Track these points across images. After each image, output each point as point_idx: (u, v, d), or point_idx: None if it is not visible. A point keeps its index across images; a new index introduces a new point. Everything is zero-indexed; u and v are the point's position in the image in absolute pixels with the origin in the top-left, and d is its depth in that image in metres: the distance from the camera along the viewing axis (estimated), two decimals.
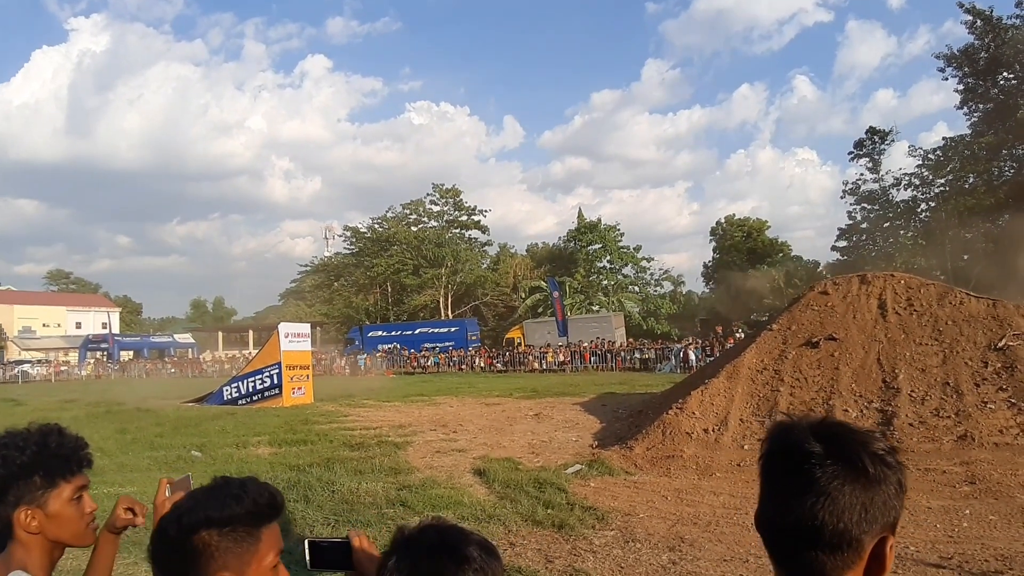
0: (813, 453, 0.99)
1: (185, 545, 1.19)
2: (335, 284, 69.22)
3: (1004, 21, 41.61)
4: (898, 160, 67.26)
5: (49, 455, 1.52)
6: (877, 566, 1.00)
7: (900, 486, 1.01)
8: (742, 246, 56.80)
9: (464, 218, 65.39)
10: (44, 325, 75.74)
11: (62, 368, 51.70)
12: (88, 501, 1.59)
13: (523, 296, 56.75)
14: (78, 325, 76.64)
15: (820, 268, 53.29)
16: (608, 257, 58.74)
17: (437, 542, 1.20)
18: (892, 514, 1.00)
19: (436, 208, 65.19)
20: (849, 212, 52.04)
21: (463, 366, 38.85)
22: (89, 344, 58.73)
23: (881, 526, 0.99)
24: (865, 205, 50.89)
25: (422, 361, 41.18)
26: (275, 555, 1.29)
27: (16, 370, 47.60)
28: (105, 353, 57.26)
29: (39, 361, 54.22)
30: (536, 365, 35.56)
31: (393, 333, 48.91)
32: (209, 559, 1.20)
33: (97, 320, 75.42)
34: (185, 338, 66.57)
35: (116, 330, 65.38)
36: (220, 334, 70.51)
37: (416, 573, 1.16)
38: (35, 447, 1.51)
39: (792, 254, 57.17)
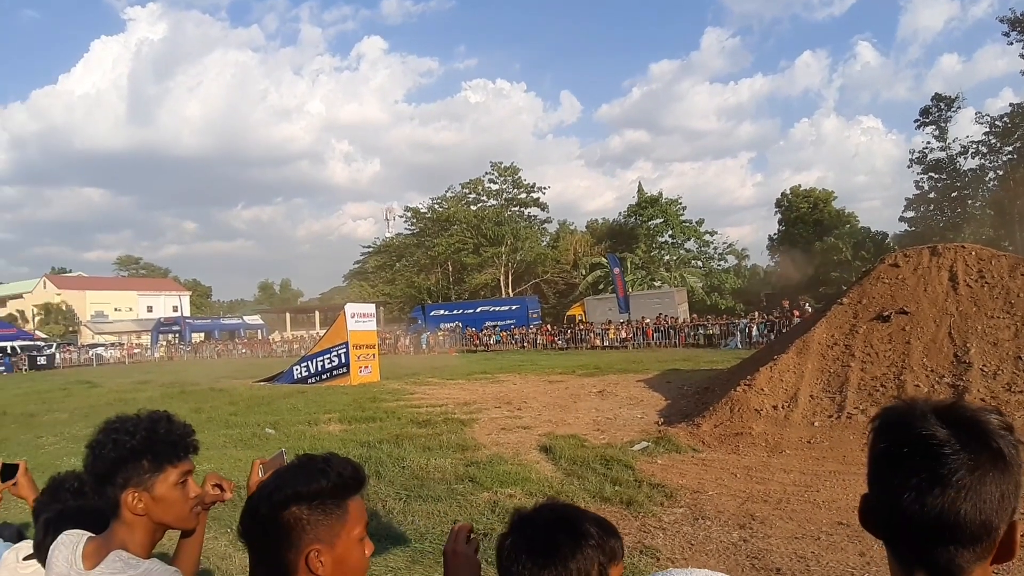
0: (946, 442, 0.91)
1: (276, 521, 1.23)
2: (397, 264, 70.33)
3: None
4: (965, 127, 64.19)
5: (158, 440, 1.57)
6: (1006, 552, 0.94)
7: (1021, 466, 0.94)
8: (808, 218, 55.05)
9: (523, 196, 65.28)
10: (116, 309, 78.06)
11: (135, 351, 53.29)
12: (193, 486, 1.64)
13: (583, 273, 56.45)
14: (149, 309, 79.13)
15: (888, 240, 51.34)
16: (670, 231, 57.74)
17: (553, 519, 1.21)
18: (1020, 495, 0.94)
19: (495, 187, 65.29)
20: (916, 182, 50.48)
21: (524, 344, 38.97)
22: (161, 327, 60.10)
23: (1012, 510, 0.93)
24: (932, 174, 49.19)
25: (484, 339, 41.53)
26: (362, 527, 1.33)
27: (90, 353, 49.11)
28: (177, 335, 58.91)
29: (112, 344, 55.80)
30: (598, 342, 35.39)
31: (455, 312, 49.35)
32: (301, 533, 1.24)
33: (168, 303, 78.40)
34: (254, 319, 68.17)
35: (187, 313, 68.00)
36: (288, 315, 72.51)
37: (533, 550, 1.17)
38: (145, 432, 1.56)
39: (859, 225, 55.07)
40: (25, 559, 1.84)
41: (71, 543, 1.57)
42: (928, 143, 48.81)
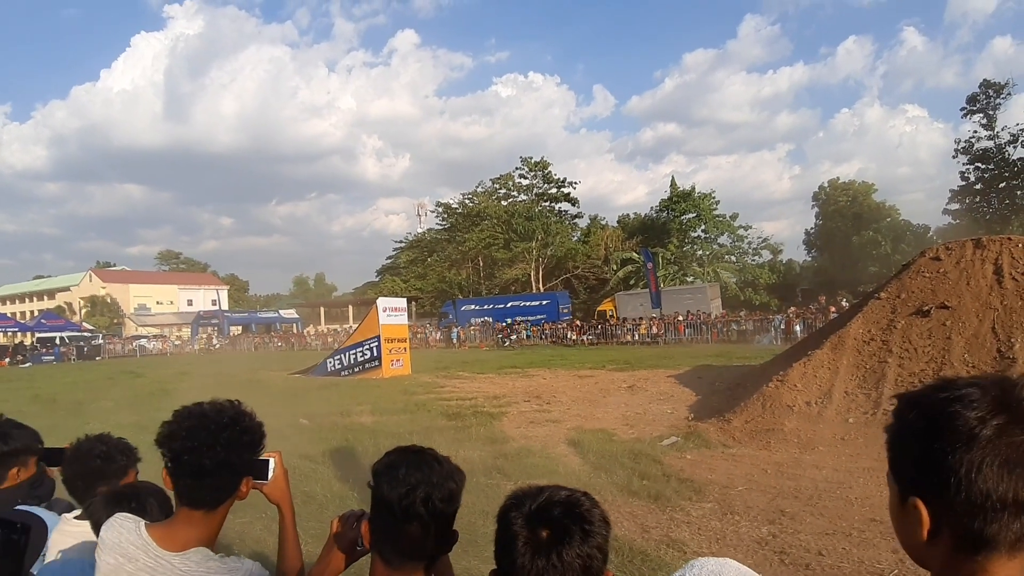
0: None
1: (449, 513, 1.50)
2: (428, 259, 70.72)
3: None
4: (1015, 115, 61.47)
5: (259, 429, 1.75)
6: None
7: None
8: (847, 211, 53.87)
9: (553, 191, 65.04)
10: (158, 303, 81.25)
11: (176, 343, 55.29)
12: None
13: (614, 268, 56.01)
14: (189, 302, 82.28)
15: (930, 233, 50.06)
16: (703, 226, 56.84)
17: (562, 507, 1.25)
18: None
19: (525, 182, 65.12)
20: (962, 172, 48.89)
21: (555, 339, 38.95)
22: (200, 320, 61.93)
23: None
24: (979, 164, 47.59)
25: (515, 333, 41.57)
26: None
27: (134, 344, 51.40)
28: (216, 328, 60.55)
29: (154, 336, 58.04)
30: (628, 338, 35.18)
31: (486, 307, 49.48)
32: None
33: (207, 297, 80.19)
34: (290, 313, 69.33)
35: (225, 306, 69.50)
36: (322, 309, 73.79)
37: (552, 539, 1.21)
38: (257, 422, 1.76)
39: (900, 218, 53.75)
40: (76, 518, 1.94)
41: (131, 526, 1.58)
42: (975, 132, 47.39)
